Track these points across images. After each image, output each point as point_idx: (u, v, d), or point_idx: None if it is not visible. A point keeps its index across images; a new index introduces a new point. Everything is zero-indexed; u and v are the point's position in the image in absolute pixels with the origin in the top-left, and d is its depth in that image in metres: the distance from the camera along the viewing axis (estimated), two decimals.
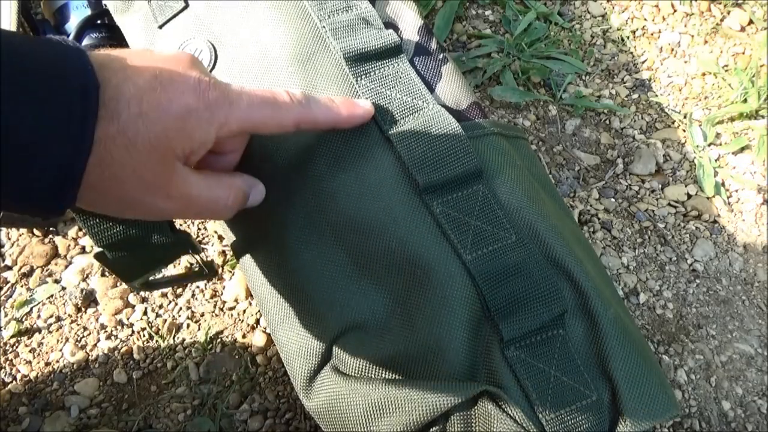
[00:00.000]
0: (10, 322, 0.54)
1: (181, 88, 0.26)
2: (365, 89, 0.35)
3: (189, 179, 0.27)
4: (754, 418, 0.53)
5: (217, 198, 0.29)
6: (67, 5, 0.47)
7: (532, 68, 0.67)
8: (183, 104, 0.26)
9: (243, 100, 0.28)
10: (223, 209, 0.30)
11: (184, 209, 0.28)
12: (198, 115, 0.26)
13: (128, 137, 0.24)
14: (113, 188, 0.25)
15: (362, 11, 0.37)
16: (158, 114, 0.25)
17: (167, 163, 0.26)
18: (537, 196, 0.34)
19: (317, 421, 0.33)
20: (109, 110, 0.24)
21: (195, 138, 0.26)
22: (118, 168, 0.25)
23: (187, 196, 0.27)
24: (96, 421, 0.50)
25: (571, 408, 0.30)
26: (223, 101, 0.27)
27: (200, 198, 0.28)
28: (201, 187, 0.28)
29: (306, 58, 0.35)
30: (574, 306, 0.32)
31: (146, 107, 0.25)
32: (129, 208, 0.27)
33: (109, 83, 0.24)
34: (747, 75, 0.67)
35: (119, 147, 0.24)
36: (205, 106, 0.26)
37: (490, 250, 0.32)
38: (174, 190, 0.27)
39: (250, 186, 0.32)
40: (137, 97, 0.25)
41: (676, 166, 0.64)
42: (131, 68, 0.25)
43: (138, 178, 0.25)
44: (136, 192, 0.26)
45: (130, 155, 0.25)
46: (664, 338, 0.56)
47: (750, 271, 0.59)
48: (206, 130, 0.27)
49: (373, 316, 0.32)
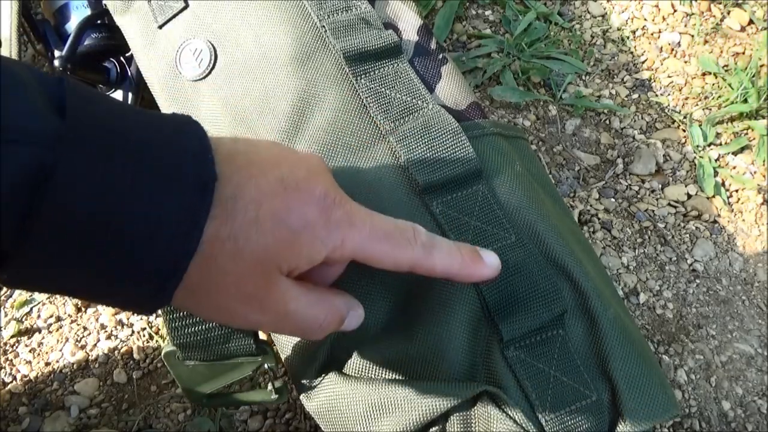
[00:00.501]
0: (10, 322, 0.54)
1: (303, 199, 0.24)
2: (365, 89, 0.35)
3: (288, 294, 0.25)
4: (754, 418, 0.53)
5: (314, 317, 0.26)
6: (67, 5, 0.47)
7: (532, 68, 0.67)
8: (302, 218, 0.23)
9: (366, 226, 0.25)
10: (316, 330, 0.27)
11: (277, 324, 0.26)
12: (314, 232, 0.24)
13: (238, 243, 0.22)
14: (209, 293, 0.23)
15: (362, 11, 0.37)
16: (273, 224, 0.23)
17: (270, 277, 0.23)
18: (537, 196, 0.34)
19: (317, 421, 0.33)
20: (226, 210, 0.22)
21: (303, 255, 0.24)
22: (219, 273, 0.22)
23: (282, 312, 0.25)
24: (96, 421, 0.50)
25: (570, 408, 0.30)
26: (345, 223, 0.25)
27: (296, 315, 0.25)
28: (300, 305, 0.25)
29: (306, 58, 0.35)
30: (574, 306, 0.32)
31: (263, 214, 0.22)
32: (219, 315, 0.25)
33: (230, 181, 0.22)
34: (747, 75, 0.67)
35: (226, 252, 0.22)
36: (325, 222, 0.24)
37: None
38: (271, 304, 0.24)
39: (348, 308, 0.29)
40: (257, 201, 0.22)
41: (676, 166, 0.64)
42: (257, 166, 0.23)
43: (236, 286, 0.23)
44: (231, 301, 0.24)
45: (235, 264, 0.22)
46: (664, 338, 0.56)
47: (750, 271, 0.59)
48: (318, 250, 0.24)
49: (374, 317, 0.32)
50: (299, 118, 0.35)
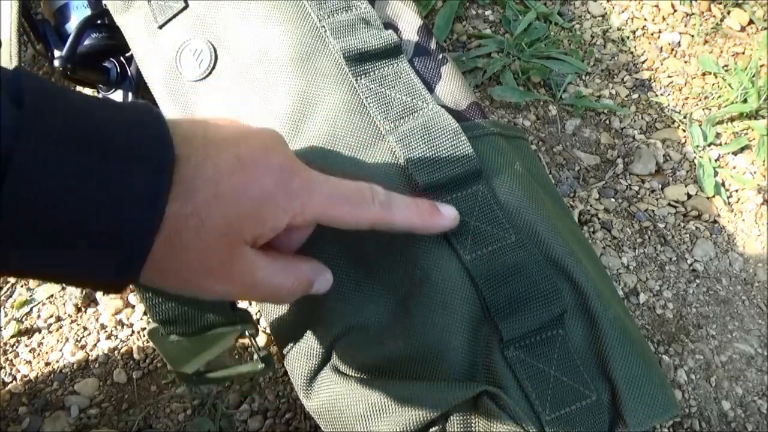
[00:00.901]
0: (10, 322, 0.54)
1: (261, 171, 0.25)
2: (365, 89, 0.35)
3: (254, 264, 0.26)
4: (754, 418, 0.53)
5: (281, 285, 0.27)
6: (67, 5, 0.47)
7: (532, 68, 0.67)
8: (261, 189, 0.24)
9: (324, 191, 0.26)
10: (285, 296, 0.28)
11: (245, 293, 0.27)
12: (275, 201, 0.25)
13: (200, 219, 0.23)
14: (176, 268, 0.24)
15: (362, 11, 0.37)
16: (233, 197, 0.24)
17: (234, 249, 0.24)
18: (537, 196, 0.34)
19: (317, 421, 0.33)
20: (185, 189, 0.23)
21: (267, 224, 0.25)
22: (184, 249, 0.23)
23: (250, 281, 0.26)
24: (96, 421, 0.50)
25: (570, 408, 0.30)
26: (303, 190, 0.26)
27: (263, 283, 0.26)
28: (266, 273, 0.26)
29: (306, 58, 0.35)
30: (574, 306, 0.32)
31: (223, 189, 0.23)
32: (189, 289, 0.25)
33: (189, 161, 0.23)
34: (747, 75, 0.67)
35: (189, 228, 0.23)
36: (284, 192, 0.25)
37: (490, 251, 0.32)
38: (237, 275, 0.25)
39: (316, 273, 0.30)
40: (215, 178, 0.23)
41: (676, 166, 0.64)
42: (213, 146, 0.24)
43: (202, 261, 0.24)
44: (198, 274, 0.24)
45: (199, 237, 0.23)
46: (664, 338, 0.56)
47: (750, 271, 0.59)
48: (280, 218, 0.25)
49: (373, 317, 0.32)
50: (299, 119, 0.35)
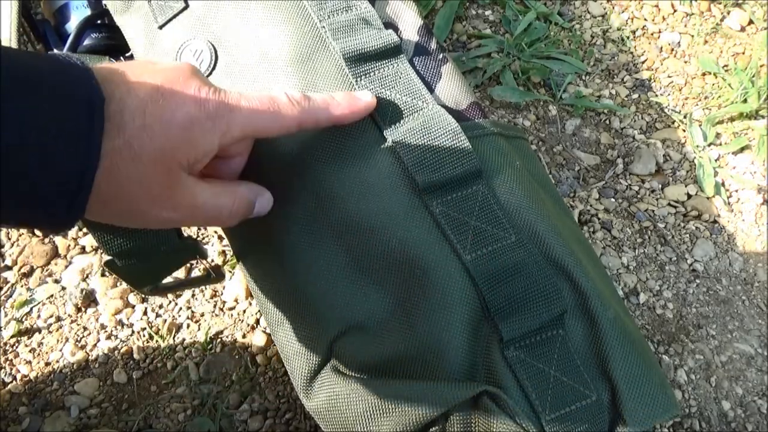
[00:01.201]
0: (10, 322, 0.54)
1: (182, 99, 0.26)
2: (365, 90, 0.35)
3: (194, 189, 0.27)
4: (754, 418, 0.53)
5: (221, 206, 0.29)
6: (67, 5, 0.47)
7: (532, 68, 0.67)
8: (185, 115, 0.26)
9: (243, 106, 0.28)
10: (227, 217, 0.30)
11: (189, 218, 0.29)
12: (201, 124, 0.26)
13: (134, 149, 0.25)
14: (120, 200, 0.25)
15: (362, 11, 0.37)
16: (161, 126, 0.25)
17: (172, 174, 0.26)
18: (537, 196, 0.34)
19: (317, 421, 0.33)
20: (114, 123, 0.24)
21: (199, 147, 0.26)
22: (125, 180, 0.25)
23: (191, 205, 0.28)
24: (96, 421, 0.50)
25: (570, 408, 0.30)
26: (224, 109, 0.27)
27: (205, 206, 0.28)
28: (206, 196, 0.28)
29: (306, 59, 0.35)
30: (574, 306, 0.32)
31: (150, 119, 0.25)
32: (136, 219, 0.27)
33: (113, 97, 0.24)
34: (747, 75, 0.67)
35: (125, 159, 0.24)
36: (207, 115, 0.27)
37: (490, 251, 0.32)
38: (179, 199, 0.27)
39: (255, 194, 0.32)
40: (140, 109, 0.25)
41: (676, 166, 0.64)
42: (133, 82, 0.26)
43: (144, 189, 0.26)
44: (142, 203, 0.26)
45: (136, 167, 0.25)
46: (664, 338, 0.56)
47: (750, 271, 0.59)
48: (209, 140, 0.27)
49: (373, 317, 0.32)
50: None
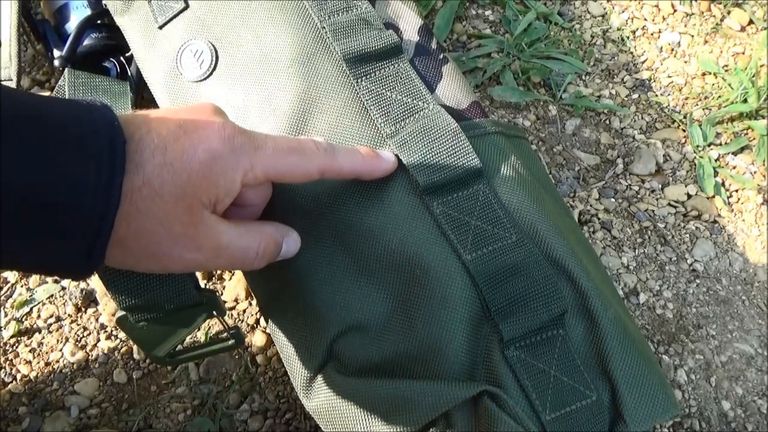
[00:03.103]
0: (10, 322, 0.54)
1: (204, 135, 0.25)
2: (365, 91, 0.35)
3: (217, 227, 0.26)
4: (754, 418, 0.53)
5: (248, 247, 0.28)
6: (67, 5, 0.47)
7: (532, 68, 0.67)
8: (207, 150, 0.25)
9: (269, 146, 0.27)
10: (254, 259, 0.29)
11: (213, 259, 0.27)
12: (223, 161, 0.25)
13: (154, 188, 0.24)
14: (141, 242, 0.25)
15: (362, 12, 0.37)
16: (183, 163, 0.24)
17: (194, 213, 0.25)
18: (537, 195, 0.34)
19: (317, 421, 0.33)
20: (134, 162, 0.24)
21: (220, 185, 0.26)
22: (145, 220, 0.24)
23: (216, 245, 0.27)
24: (96, 421, 0.50)
25: (571, 408, 0.30)
26: (249, 146, 0.26)
27: (229, 247, 0.27)
28: (231, 236, 0.27)
29: (306, 59, 0.35)
30: (574, 306, 0.32)
31: (170, 156, 0.24)
32: (157, 262, 0.26)
33: (133, 137, 0.24)
34: (747, 75, 0.67)
35: (145, 198, 0.24)
36: (231, 150, 0.26)
37: (490, 250, 0.32)
38: (202, 240, 0.26)
39: (282, 234, 0.31)
40: (161, 147, 0.24)
41: (676, 166, 0.64)
42: (154, 120, 0.25)
43: (166, 229, 0.25)
44: (164, 244, 0.25)
45: (157, 206, 0.24)
46: (664, 338, 0.56)
47: (750, 271, 0.59)
48: (231, 177, 0.26)
49: (373, 317, 0.32)
50: (300, 120, 0.35)
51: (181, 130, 0.25)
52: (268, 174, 0.27)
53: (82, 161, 0.22)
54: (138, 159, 0.24)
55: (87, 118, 0.23)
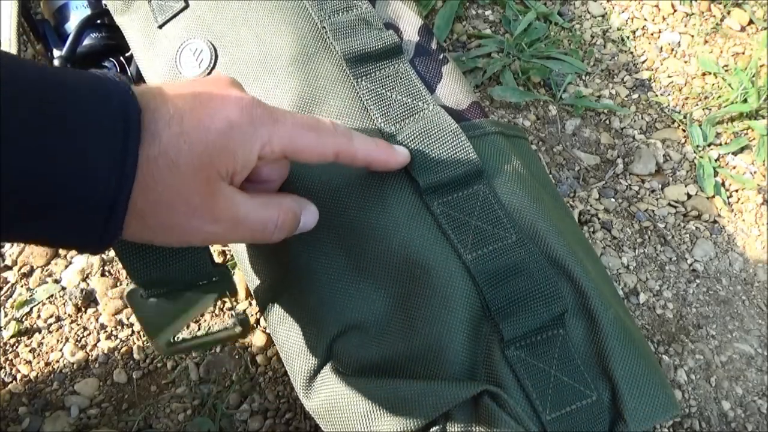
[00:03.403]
0: (10, 322, 0.54)
1: (221, 104, 0.25)
2: (365, 91, 0.35)
3: (235, 199, 0.26)
4: (754, 418, 0.53)
5: (267, 219, 0.28)
6: (67, 5, 0.47)
7: (532, 68, 0.67)
8: (225, 120, 0.25)
9: (288, 120, 0.27)
10: (272, 231, 0.28)
11: (232, 232, 0.27)
12: (241, 131, 0.25)
13: (170, 158, 0.23)
14: (159, 214, 0.24)
15: (362, 11, 0.37)
16: (199, 132, 0.24)
17: (212, 184, 0.25)
18: (537, 195, 0.34)
19: (317, 421, 0.33)
20: (149, 132, 0.23)
21: (238, 156, 0.25)
22: (162, 191, 0.24)
23: (234, 217, 0.26)
24: (96, 421, 0.50)
25: (571, 408, 0.30)
26: (268, 118, 0.26)
27: (248, 219, 0.27)
28: (249, 208, 0.27)
29: (306, 59, 0.35)
30: (575, 306, 0.32)
31: (187, 126, 0.24)
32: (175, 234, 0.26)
33: (148, 107, 0.24)
34: (747, 75, 0.67)
35: (162, 168, 0.23)
36: (249, 121, 0.25)
37: (491, 250, 0.32)
38: (220, 211, 0.25)
39: (301, 207, 0.30)
40: (177, 116, 0.24)
41: (676, 166, 0.64)
42: (170, 92, 0.25)
43: (183, 200, 0.24)
44: (182, 216, 0.25)
45: (174, 176, 0.24)
46: (664, 338, 0.56)
47: (750, 271, 0.59)
48: (249, 149, 0.25)
49: (373, 316, 0.32)
50: None
51: (197, 101, 0.25)
52: (285, 148, 0.27)
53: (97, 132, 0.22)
54: (153, 129, 0.23)
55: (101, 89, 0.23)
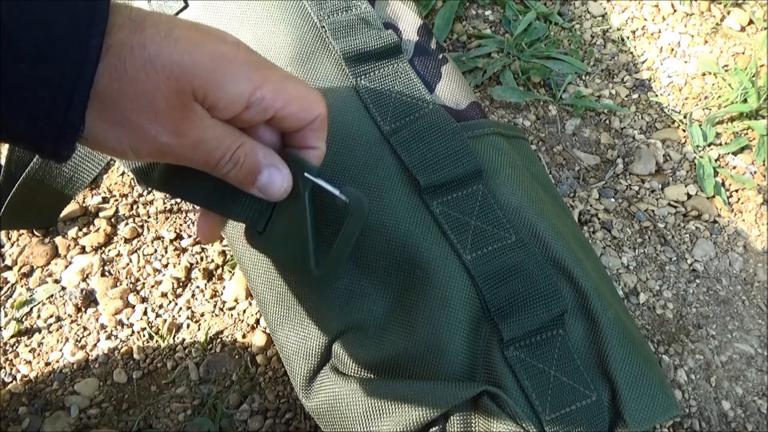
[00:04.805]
0: (10, 322, 0.54)
1: (220, 39, 0.24)
2: (364, 90, 0.35)
3: (205, 122, 0.24)
4: (754, 418, 0.53)
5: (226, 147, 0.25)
6: None
7: (532, 68, 0.67)
8: (218, 49, 0.23)
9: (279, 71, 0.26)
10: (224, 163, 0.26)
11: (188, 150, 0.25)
12: (238, 64, 0.24)
13: (148, 53, 0.22)
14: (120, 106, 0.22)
15: (362, 11, 0.37)
16: (191, 45, 0.23)
17: (183, 99, 0.23)
18: (537, 195, 0.34)
19: (317, 421, 0.33)
20: (133, 21, 0.22)
21: (227, 91, 0.24)
22: (130, 83, 0.22)
23: (196, 137, 0.24)
24: (96, 421, 0.50)
25: (570, 408, 0.30)
26: (263, 64, 0.25)
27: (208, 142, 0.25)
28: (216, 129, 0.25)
29: (306, 58, 0.35)
30: (574, 306, 0.32)
31: (178, 35, 0.23)
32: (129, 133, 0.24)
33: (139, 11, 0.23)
34: (747, 75, 0.67)
35: (136, 60, 0.22)
36: (244, 59, 0.24)
37: (490, 250, 0.32)
38: (186, 128, 0.24)
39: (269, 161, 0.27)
40: (169, 24, 0.23)
41: (676, 166, 0.64)
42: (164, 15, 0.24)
43: (149, 101, 0.23)
44: (144, 117, 0.23)
45: (147, 74, 0.22)
46: (664, 338, 0.56)
47: (750, 271, 0.59)
48: (241, 87, 0.24)
49: (373, 317, 0.32)
50: None
51: (193, 27, 0.24)
52: (275, 100, 0.25)
53: (58, 6, 0.20)
54: (139, 21, 0.22)
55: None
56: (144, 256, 0.56)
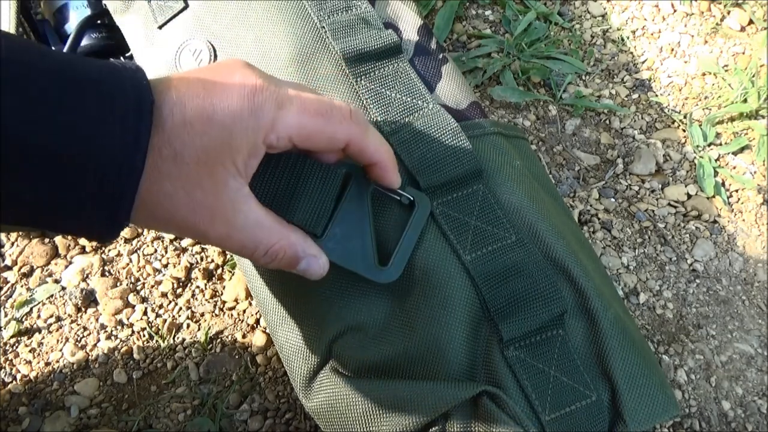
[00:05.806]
0: (10, 322, 0.54)
1: (224, 92, 0.24)
2: (364, 90, 0.35)
3: (239, 203, 0.25)
4: (754, 418, 0.53)
5: (262, 240, 0.26)
6: (66, 5, 0.47)
7: (532, 68, 0.67)
8: (225, 110, 0.24)
9: (294, 104, 0.26)
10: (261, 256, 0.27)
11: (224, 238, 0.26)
12: (243, 123, 0.24)
13: (174, 148, 0.23)
14: (161, 205, 0.24)
15: (362, 11, 0.37)
16: (202, 123, 0.24)
17: (217, 179, 0.24)
18: (537, 195, 0.34)
19: (317, 421, 0.33)
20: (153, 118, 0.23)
21: (243, 149, 0.24)
22: (167, 182, 0.23)
23: (231, 222, 0.25)
24: (96, 421, 0.50)
25: (570, 408, 0.30)
26: (271, 105, 0.25)
27: (244, 230, 0.26)
28: (249, 219, 0.26)
29: (306, 59, 0.35)
30: (574, 306, 0.32)
31: (190, 115, 0.23)
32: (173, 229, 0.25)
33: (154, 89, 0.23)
34: (747, 75, 0.67)
35: (165, 159, 0.23)
36: (250, 111, 0.25)
37: (490, 250, 0.32)
38: (222, 209, 0.25)
39: (305, 251, 0.28)
40: (180, 104, 0.23)
41: (676, 166, 0.64)
42: (176, 78, 0.24)
43: (186, 193, 0.24)
44: (183, 211, 0.24)
45: (179, 168, 0.23)
46: (664, 338, 0.56)
47: (750, 271, 0.59)
48: (252, 140, 0.25)
49: (372, 317, 0.32)
50: None
51: (201, 87, 0.24)
52: (290, 134, 0.26)
53: (109, 121, 0.22)
54: (157, 116, 0.23)
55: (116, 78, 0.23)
56: (144, 256, 0.56)
